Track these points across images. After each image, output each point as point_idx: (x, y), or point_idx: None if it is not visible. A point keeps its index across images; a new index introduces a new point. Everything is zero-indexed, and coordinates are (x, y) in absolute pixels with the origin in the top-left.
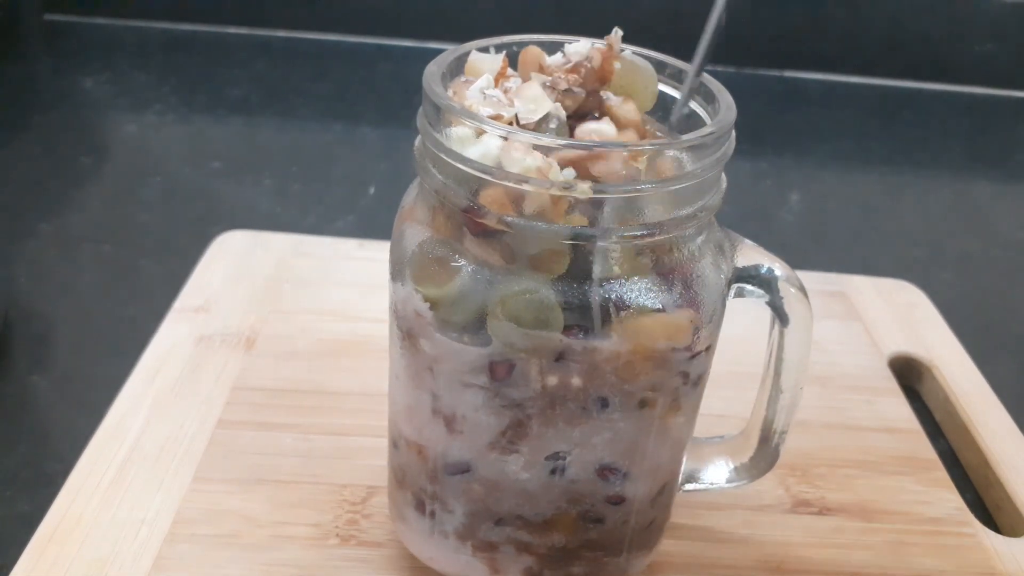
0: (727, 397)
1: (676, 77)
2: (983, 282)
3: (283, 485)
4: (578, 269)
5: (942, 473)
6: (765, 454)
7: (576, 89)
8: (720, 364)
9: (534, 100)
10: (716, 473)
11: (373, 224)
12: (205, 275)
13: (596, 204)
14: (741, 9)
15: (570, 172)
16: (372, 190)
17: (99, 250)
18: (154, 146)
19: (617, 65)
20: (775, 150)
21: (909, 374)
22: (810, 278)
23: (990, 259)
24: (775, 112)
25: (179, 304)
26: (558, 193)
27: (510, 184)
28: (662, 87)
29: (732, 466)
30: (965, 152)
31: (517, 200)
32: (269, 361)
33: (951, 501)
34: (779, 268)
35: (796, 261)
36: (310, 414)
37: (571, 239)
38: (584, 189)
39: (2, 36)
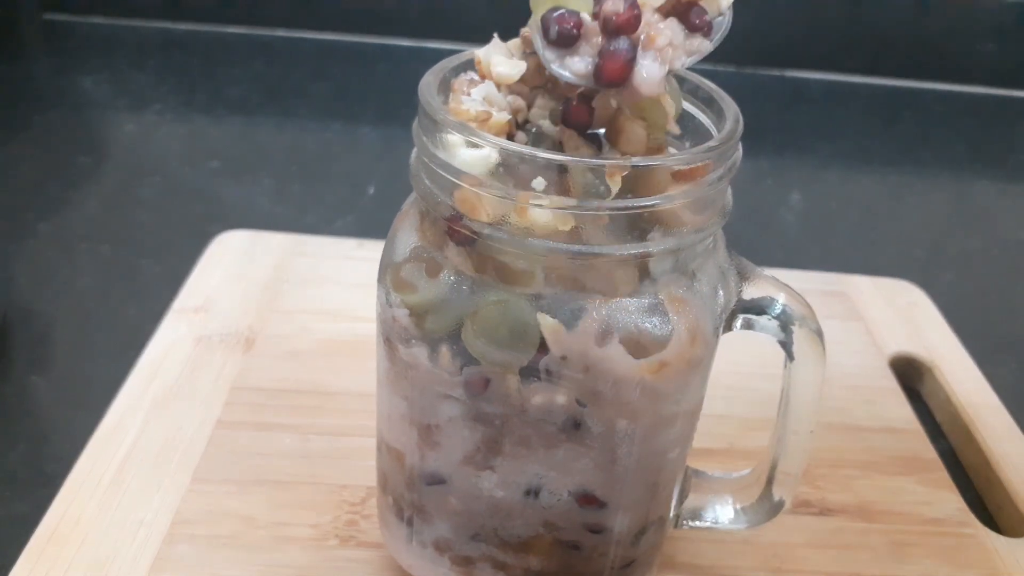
0: (729, 397)
1: (694, 93)
2: (984, 282)
3: (282, 486)
4: (557, 283)
5: (943, 473)
6: (771, 499)
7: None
8: (723, 364)
9: (515, 66)
10: (720, 512)
11: (373, 224)
12: (204, 275)
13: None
14: (742, 8)
15: (540, 182)
16: (371, 190)
17: (98, 250)
18: (153, 146)
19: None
20: (776, 149)
21: (910, 374)
22: (810, 278)
23: (991, 259)
24: (776, 111)
25: (178, 304)
26: (504, 198)
27: (471, 188)
28: (685, 105)
29: (738, 507)
30: (966, 152)
31: (492, 207)
32: (268, 361)
33: (952, 502)
34: (794, 304)
35: (796, 261)
36: (309, 414)
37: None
38: (534, 199)
39: (1, 35)
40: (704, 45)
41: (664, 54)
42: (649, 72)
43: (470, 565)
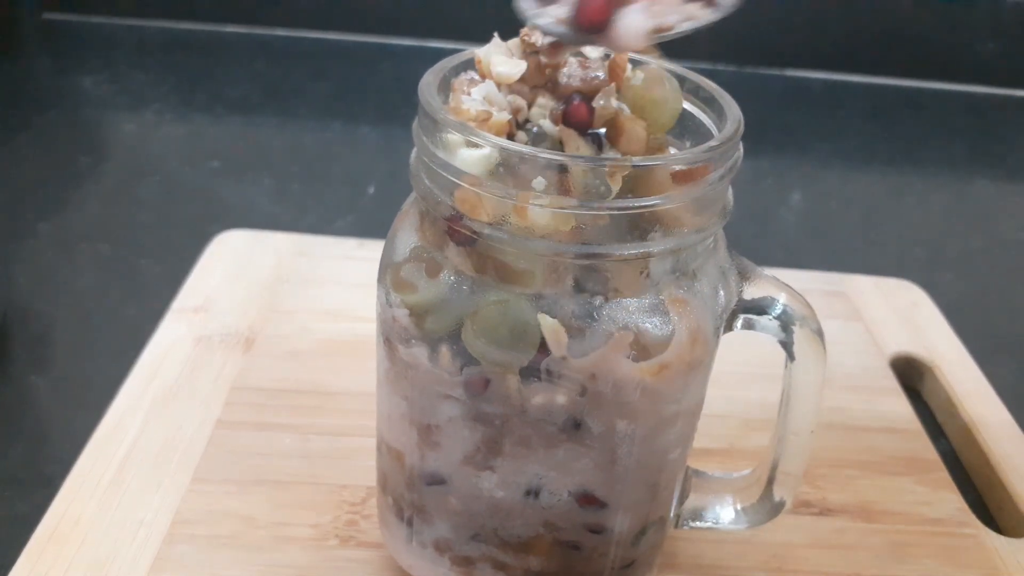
0: (729, 397)
1: (695, 92)
2: (985, 282)
3: (282, 486)
4: (558, 283)
5: (943, 473)
6: (771, 499)
7: (544, 42)
8: (723, 364)
9: (516, 66)
10: (721, 512)
11: (373, 224)
12: (204, 275)
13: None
14: (743, 8)
15: (540, 182)
16: (371, 190)
17: (98, 250)
18: (153, 145)
19: (635, 78)
20: (776, 149)
21: (910, 374)
22: (811, 278)
23: (992, 258)
24: (776, 111)
25: (178, 304)
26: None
27: (471, 188)
28: (685, 104)
29: (739, 507)
30: (966, 151)
31: (492, 207)
32: (268, 361)
33: (952, 502)
34: (794, 304)
35: (797, 261)
36: (309, 414)
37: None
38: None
39: (1, 35)
40: (702, 13)
41: (652, 10)
42: (632, 21)
43: (470, 565)
